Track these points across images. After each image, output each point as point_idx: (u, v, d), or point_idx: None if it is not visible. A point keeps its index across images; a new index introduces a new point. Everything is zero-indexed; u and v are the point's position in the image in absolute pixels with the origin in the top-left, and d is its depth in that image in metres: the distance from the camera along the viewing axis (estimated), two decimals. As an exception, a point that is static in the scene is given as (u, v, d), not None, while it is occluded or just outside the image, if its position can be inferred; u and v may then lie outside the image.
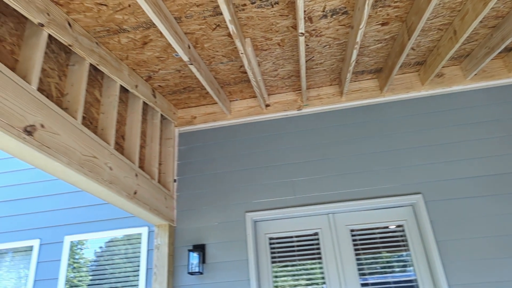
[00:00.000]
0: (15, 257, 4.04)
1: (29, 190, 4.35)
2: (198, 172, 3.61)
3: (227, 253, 3.24)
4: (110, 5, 2.11)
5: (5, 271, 4.02)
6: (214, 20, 2.44)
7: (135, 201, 2.79)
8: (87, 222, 4.01)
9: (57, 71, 2.23)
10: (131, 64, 2.76)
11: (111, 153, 2.54)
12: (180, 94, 3.45)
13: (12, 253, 4.07)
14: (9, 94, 1.68)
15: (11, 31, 1.88)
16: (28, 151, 1.79)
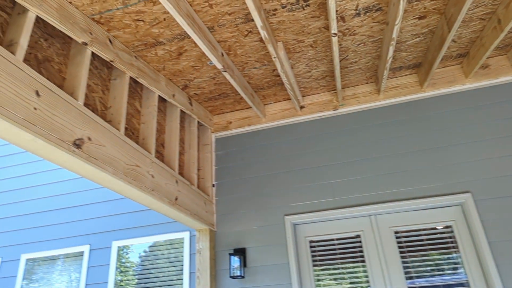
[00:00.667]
0: (66, 262, 4.32)
1: (79, 198, 4.63)
2: (236, 177, 3.66)
3: (267, 256, 3.26)
4: (146, 20, 2.21)
5: (57, 274, 4.31)
6: (246, 27, 2.48)
7: (176, 207, 2.88)
8: (133, 228, 4.21)
9: (100, 86, 2.37)
10: (168, 75, 2.87)
11: (152, 161, 2.65)
12: (215, 101, 3.53)
13: (63, 258, 4.35)
14: (59, 110, 1.82)
15: (58, 51, 2.03)
16: (77, 163, 1.92)
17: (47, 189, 4.88)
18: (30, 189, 4.96)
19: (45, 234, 4.52)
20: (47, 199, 4.79)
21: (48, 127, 1.72)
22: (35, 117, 1.65)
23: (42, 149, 1.74)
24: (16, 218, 4.79)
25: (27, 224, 4.70)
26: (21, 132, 1.59)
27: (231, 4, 2.23)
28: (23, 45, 1.65)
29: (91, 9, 2.03)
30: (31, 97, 1.65)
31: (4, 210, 4.91)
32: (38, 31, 1.92)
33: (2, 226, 4.80)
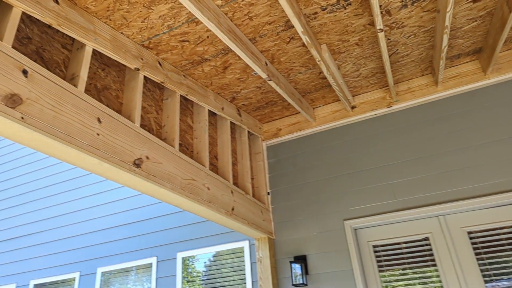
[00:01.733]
0: (137, 274, 4.62)
1: (145, 212, 4.94)
2: (290, 183, 3.66)
3: (329, 263, 3.20)
4: (191, 40, 2.32)
5: (130, 286, 4.62)
6: (287, 34, 2.49)
7: (233, 217, 2.95)
8: (194, 239, 4.38)
9: (154, 106, 2.53)
10: (216, 89, 2.97)
11: (207, 174, 2.75)
12: (263, 109, 3.58)
13: (134, 270, 4.66)
14: (119, 134, 1.97)
15: (115, 79, 2.21)
16: (138, 182, 2.06)
17: (115, 205, 5.28)
18: (100, 206, 5.39)
19: (116, 248, 4.87)
20: (116, 215, 5.18)
21: (110, 150, 1.87)
22: (99, 142, 1.81)
23: (107, 171, 1.90)
24: (91, 234, 5.23)
25: (100, 240, 5.11)
26: (88, 157, 1.75)
27: (270, 14, 2.26)
28: (84, 77, 1.83)
29: (140, 36, 2.18)
30: (94, 124, 1.81)
31: (79, 227, 5.39)
32: (95, 62, 2.11)
33: (79, 242, 5.27)
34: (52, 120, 1.59)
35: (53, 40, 1.87)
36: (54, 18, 1.71)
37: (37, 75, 1.58)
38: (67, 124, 1.65)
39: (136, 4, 1.94)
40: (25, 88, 1.51)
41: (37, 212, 5.94)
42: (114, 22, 2.02)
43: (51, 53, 1.83)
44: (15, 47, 1.64)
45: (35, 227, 5.83)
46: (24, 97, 1.49)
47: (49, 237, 5.60)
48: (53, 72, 1.81)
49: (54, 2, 1.73)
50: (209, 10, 1.97)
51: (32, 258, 5.54)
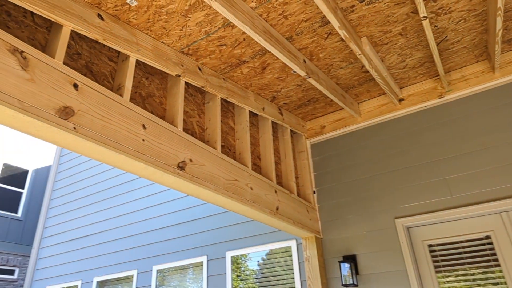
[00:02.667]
0: (189, 272, 4.82)
1: (196, 212, 5.14)
2: (336, 181, 3.60)
3: (381, 263, 3.11)
4: (228, 43, 2.38)
5: (185, 282, 4.83)
6: (325, 30, 2.46)
7: (278, 217, 2.98)
8: (242, 238, 4.47)
9: (196, 110, 2.63)
10: (256, 90, 3.01)
11: (250, 174, 2.80)
12: (305, 107, 3.55)
13: (186, 268, 4.86)
14: (163, 139, 2.08)
15: (158, 86, 2.33)
16: (182, 184, 2.16)
17: (168, 206, 5.54)
18: (155, 207, 5.70)
19: (170, 247, 5.12)
20: (169, 215, 5.44)
21: (155, 155, 1.98)
22: (144, 147, 1.93)
23: (153, 174, 2.01)
24: (146, 234, 5.55)
25: (155, 239, 5.40)
26: (135, 162, 1.87)
27: (305, 11, 2.25)
28: (129, 87, 1.96)
29: (179, 44, 2.28)
30: (139, 130, 1.93)
31: (136, 227, 5.74)
32: (140, 72, 2.24)
33: (136, 241, 5.62)
34: (102, 129, 1.72)
35: (101, 54, 2.02)
36: (100, 33, 1.85)
37: (86, 88, 1.72)
38: (115, 132, 1.78)
39: (173, 13, 2.03)
40: (76, 101, 1.65)
41: (99, 214, 6.43)
42: (155, 32, 2.13)
43: (99, 66, 1.98)
44: (67, 63, 1.80)
45: (97, 227, 6.32)
46: (75, 109, 1.63)
47: (110, 236, 6.03)
48: (101, 84, 1.96)
49: (100, 19, 1.87)
50: (243, 13, 2.01)
51: (95, 257, 6.01)
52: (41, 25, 1.75)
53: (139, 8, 1.94)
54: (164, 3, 1.94)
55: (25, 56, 1.50)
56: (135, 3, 1.89)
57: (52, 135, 1.56)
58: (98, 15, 1.87)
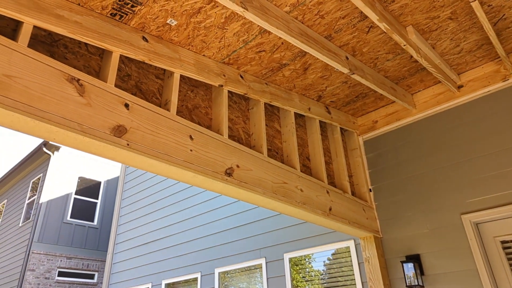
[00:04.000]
0: (250, 274, 4.96)
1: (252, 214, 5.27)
2: (394, 177, 3.48)
3: (448, 262, 2.96)
4: (267, 49, 2.44)
5: (245, 284, 4.98)
6: (365, 24, 2.41)
7: (331, 217, 2.96)
8: (299, 240, 4.49)
9: (241, 117, 2.72)
10: (299, 91, 3.03)
11: (299, 176, 2.83)
12: (354, 103, 3.49)
13: (248, 270, 5.01)
14: (210, 147, 2.20)
15: (203, 98, 2.46)
16: (231, 189, 2.26)
17: (226, 209, 5.75)
18: (214, 211, 5.94)
19: (230, 250, 5.31)
20: (228, 218, 5.64)
21: (203, 163, 2.11)
22: (192, 157, 2.06)
23: (202, 182, 2.14)
24: (208, 237, 5.81)
25: (215, 242, 5.63)
26: (184, 171, 2.01)
27: (342, 8, 2.23)
28: (175, 101, 2.10)
29: (220, 55, 2.39)
30: (187, 141, 2.07)
31: (198, 231, 6.02)
32: (185, 85, 2.39)
33: (199, 244, 5.90)
34: (152, 143, 1.88)
35: (148, 73, 2.19)
36: (145, 54, 2.01)
37: (136, 106, 1.89)
38: (164, 144, 1.93)
39: (211, 27, 2.14)
40: (128, 119, 1.82)
41: (164, 219, 6.85)
42: (195, 47, 2.26)
43: (147, 85, 2.16)
44: (118, 84, 1.99)
45: (163, 232, 6.74)
46: (128, 127, 1.81)
47: (175, 241, 6.41)
48: (150, 100, 2.13)
49: (144, 41, 2.04)
50: (277, 19, 2.05)
51: (162, 261, 6.42)
52: (94, 53, 1.96)
53: (179, 26, 2.08)
54: (201, 18, 2.06)
55: (81, 83, 1.69)
56: (175, 22, 2.03)
57: (109, 152, 1.75)
58: (143, 38, 2.04)
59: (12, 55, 1.49)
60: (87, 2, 1.80)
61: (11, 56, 1.49)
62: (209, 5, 1.97)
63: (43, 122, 1.50)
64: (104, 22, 1.87)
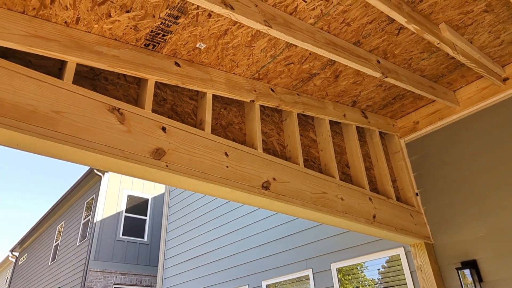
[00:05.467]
0: (298, 285, 4.94)
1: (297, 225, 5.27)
2: (442, 180, 3.35)
3: (509, 267, 2.79)
4: (295, 61, 2.49)
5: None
6: (394, 26, 2.39)
7: (376, 225, 2.91)
8: (346, 249, 4.42)
9: (275, 129, 2.78)
10: (333, 98, 3.04)
11: (338, 185, 2.82)
12: (391, 106, 3.42)
13: (295, 282, 4.99)
14: (245, 163, 2.27)
15: (236, 114, 2.55)
16: (268, 202, 2.31)
17: (271, 220, 5.79)
18: (258, 222, 6.01)
19: (276, 262, 5.33)
20: (272, 229, 5.67)
21: (240, 179, 2.18)
22: (229, 173, 2.14)
23: (239, 197, 2.21)
24: (253, 250, 5.87)
25: (261, 254, 5.68)
26: (221, 188, 2.09)
27: (367, 14, 2.23)
28: (209, 120, 2.20)
29: (249, 72, 2.47)
30: (222, 158, 2.16)
31: (243, 243, 6.11)
32: (218, 104, 2.50)
33: (245, 257, 5.98)
34: (189, 163, 1.98)
35: (183, 96, 2.32)
36: (178, 79, 2.14)
37: (173, 129, 2.01)
38: (201, 163, 2.03)
39: (238, 46, 2.23)
40: (165, 142, 1.94)
41: (209, 233, 7.02)
42: (225, 66, 2.36)
43: (182, 107, 2.28)
44: (155, 109, 2.13)
45: (210, 246, 6.90)
46: (166, 149, 1.92)
47: (221, 254, 6.54)
48: (186, 121, 2.25)
49: (177, 66, 2.17)
50: (302, 32, 2.10)
51: (210, 274, 6.56)
52: (132, 82, 2.11)
53: (208, 49, 2.19)
54: (229, 39, 2.16)
55: (122, 112, 1.84)
56: (204, 45, 2.15)
57: (150, 175, 1.87)
58: (175, 63, 2.17)
59: (59, 92, 1.66)
60: (123, 37, 1.96)
61: (58, 93, 1.66)
62: (234, 26, 2.07)
63: (90, 152, 1.65)
64: (139, 52, 2.02)
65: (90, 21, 1.82)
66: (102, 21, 1.84)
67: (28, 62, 1.76)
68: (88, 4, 1.74)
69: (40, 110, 1.57)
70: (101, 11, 1.79)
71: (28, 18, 1.69)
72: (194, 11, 1.92)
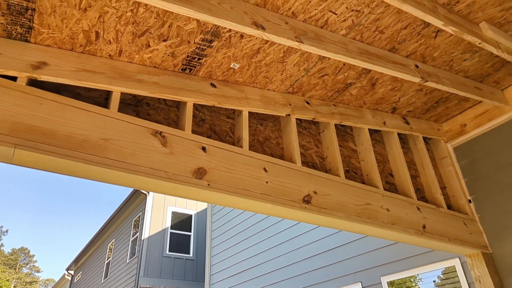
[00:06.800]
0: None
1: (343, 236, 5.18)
2: (497, 184, 3.18)
3: None
4: (329, 72, 2.51)
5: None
6: (431, 29, 2.35)
7: (427, 236, 2.82)
8: (396, 261, 4.27)
9: (312, 141, 2.79)
10: (371, 106, 3.01)
11: (383, 195, 2.77)
12: (435, 109, 3.32)
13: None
14: (284, 177, 2.30)
15: (272, 129, 2.60)
16: (310, 216, 2.32)
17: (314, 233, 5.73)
18: (302, 235, 5.97)
19: (322, 275, 5.25)
20: (316, 242, 5.61)
21: (280, 194, 2.21)
22: (268, 189, 2.18)
23: (280, 212, 2.24)
24: (298, 264, 5.83)
25: (307, 268, 5.62)
26: (262, 204, 2.14)
27: (401, 20, 2.22)
28: (246, 137, 2.27)
29: (283, 86, 2.53)
30: (262, 174, 2.21)
31: (288, 257, 6.09)
32: (254, 120, 2.56)
33: (290, 271, 5.95)
34: (229, 180, 2.05)
35: (220, 115, 2.42)
36: (215, 99, 2.24)
37: (212, 148, 2.10)
38: (240, 180, 2.09)
39: (271, 63, 2.29)
40: (206, 161, 2.03)
41: (254, 247, 7.06)
42: (259, 83, 2.43)
43: (220, 126, 2.37)
44: (195, 130, 2.23)
45: (254, 261, 6.93)
46: (207, 168, 2.01)
47: (266, 268, 6.53)
48: (224, 140, 2.33)
49: (213, 87, 2.27)
50: (333, 44, 2.13)
51: None
52: (172, 105, 2.23)
53: (242, 68, 2.27)
54: (261, 57, 2.23)
55: (164, 135, 1.95)
56: (238, 65, 2.23)
57: (192, 194, 1.96)
58: (211, 84, 2.27)
59: (106, 121, 1.80)
60: (161, 64, 2.09)
61: (106, 121, 1.80)
62: (266, 44, 2.13)
63: (136, 175, 1.76)
64: (177, 77, 2.14)
65: (131, 52, 1.97)
66: (142, 51, 1.98)
67: (77, 94, 1.92)
68: (129, 37, 1.89)
69: (90, 139, 1.71)
70: (141, 42, 1.93)
71: (76, 54, 1.86)
72: (226, 34, 2.02)
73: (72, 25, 1.75)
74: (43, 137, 1.60)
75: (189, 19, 1.88)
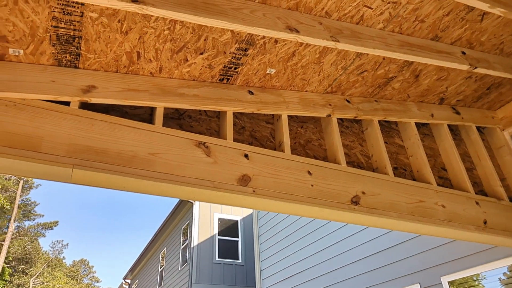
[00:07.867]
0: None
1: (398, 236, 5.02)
2: None
3: None
4: (368, 68, 2.46)
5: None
6: (476, 13, 2.24)
7: (488, 231, 2.67)
8: (456, 260, 4.07)
9: (356, 140, 2.75)
10: (416, 99, 2.91)
11: (436, 191, 2.66)
12: (487, 96, 3.14)
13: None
14: (330, 179, 2.29)
15: (313, 131, 2.60)
16: (360, 217, 2.28)
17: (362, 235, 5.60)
18: (355, 235, 5.85)
19: (379, 277, 5.11)
20: (371, 242, 5.48)
21: (326, 196, 2.20)
22: (314, 192, 2.18)
23: (328, 215, 2.23)
24: (352, 265, 5.71)
25: (363, 269, 5.49)
26: (308, 207, 2.14)
27: (442, 6, 2.14)
28: (287, 141, 2.29)
29: (321, 87, 2.51)
30: (306, 177, 2.21)
31: (341, 258, 5.99)
32: (294, 123, 2.57)
33: (344, 273, 5.85)
34: (274, 185, 2.07)
35: (259, 121, 2.45)
36: (253, 106, 2.28)
37: (254, 154, 2.13)
38: (285, 185, 2.11)
39: (308, 65, 2.30)
40: (249, 167, 2.07)
41: (303, 250, 7.02)
42: (297, 86, 2.44)
43: (260, 132, 2.40)
44: (236, 138, 2.28)
45: (305, 264, 6.89)
46: (251, 175, 2.05)
47: (318, 271, 6.47)
48: (265, 145, 2.36)
49: (250, 94, 2.31)
50: (371, 39, 2.09)
51: None
52: (212, 116, 2.30)
53: (278, 73, 2.29)
54: (297, 60, 2.24)
55: (207, 145, 2.02)
56: (273, 70, 2.26)
57: (238, 201, 2.00)
58: (249, 92, 2.31)
59: (152, 136, 1.90)
60: (200, 76, 2.17)
61: (152, 137, 1.89)
62: (301, 46, 2.14)
63: (183, 186, 1.84)
64: (215, 88, 2.21)
65: (170, 68, 2.06)
66: (180, 66, 2.06)
67: (124, 113, 2.04)
68: (168, 54, 1.98)
69: (139, 154, 1.81)
70: (179, 57, 2.02)
71: (121, 75, 1.98)
72: (261, 41, 2.05)
73: (116, 48, 1.87)
74: (96, 156, 1.72)
75: (224, 30, 1.93)
